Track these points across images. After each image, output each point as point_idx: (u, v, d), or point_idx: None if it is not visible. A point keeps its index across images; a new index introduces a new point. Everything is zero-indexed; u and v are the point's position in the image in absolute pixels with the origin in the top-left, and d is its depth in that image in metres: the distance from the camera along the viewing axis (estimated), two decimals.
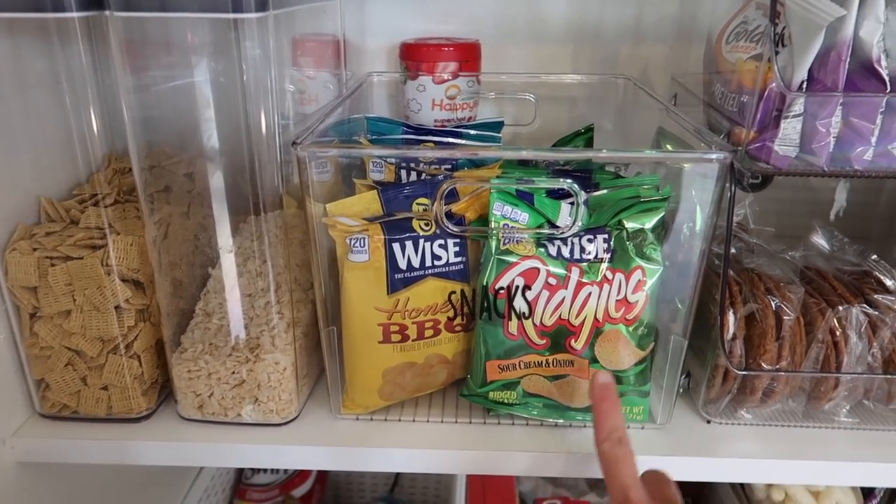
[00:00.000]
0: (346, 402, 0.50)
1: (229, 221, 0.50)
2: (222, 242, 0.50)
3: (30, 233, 0.48)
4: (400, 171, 0.55)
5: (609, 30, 0.75)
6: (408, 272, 0.46)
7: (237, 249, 0.51)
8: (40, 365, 0.48)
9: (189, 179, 0.52)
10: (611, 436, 0.41)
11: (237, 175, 0.53)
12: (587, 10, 0.74)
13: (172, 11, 0.40)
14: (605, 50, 0.76)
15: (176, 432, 0.49)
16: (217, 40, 0.48)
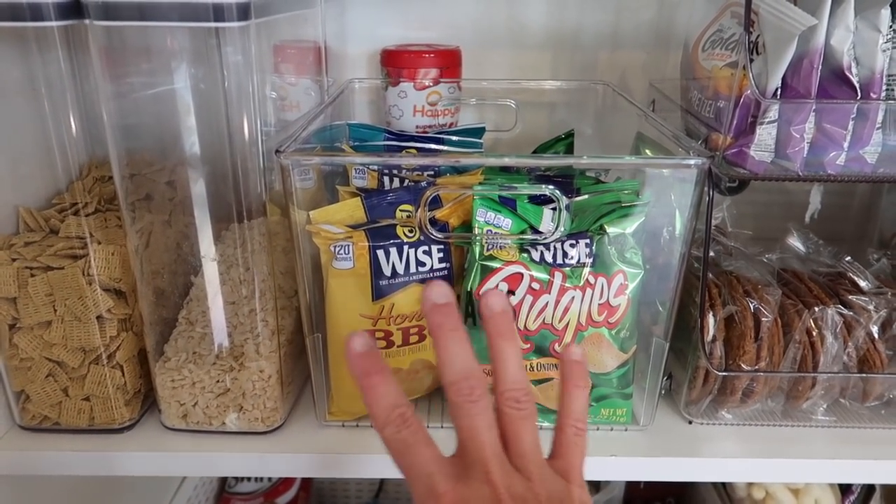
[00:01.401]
0: (332, 408, 0.50)
1: (211, 229, 0.50)
2: (204, 251, 0.50)
3: (8, 243, 0.47)
4: (383, 177, 0.56)
5: (587, 36, 0.76)
6: (392, 279, 0.46)
7: (220, 257, 0.51)
8: (20, 376, 0.48)
9: (170, 188, 0.51)
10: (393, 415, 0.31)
11: (219, 183, 0.52)
12: (566, 17, 0.75)
13: (153, 20, 0.40)
14: (584, 56, 0.76)
15: (160, 442, 0.49)
16: (198, 48, 0.48)
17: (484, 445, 0.29)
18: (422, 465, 0.29)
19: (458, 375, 0.30)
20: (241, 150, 0.45)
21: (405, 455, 0.30)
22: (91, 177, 0.53)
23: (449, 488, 0.28)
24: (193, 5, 0.39)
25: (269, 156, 0.46)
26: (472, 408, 0.30)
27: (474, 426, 0.30)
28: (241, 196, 0.46)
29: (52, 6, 0.41)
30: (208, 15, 0.40)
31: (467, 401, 0.30)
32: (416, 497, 0.29)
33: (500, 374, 0.32)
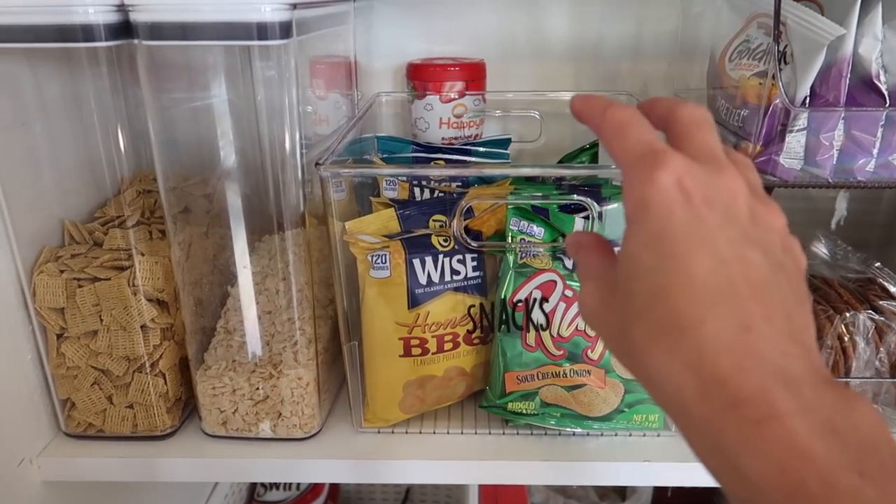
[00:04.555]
0: (368, 415, 0.51)
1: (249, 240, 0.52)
2: (242, 261, 0.51)
3: (55, 255, 0.49)
4: (413, 188, 0.57)
5: (609, 47, 0.77)
6: (428, 287, 0.47)
7: (256, 268, 0.52)
8: (66, 384, 0.49)
9: (207, 200, 0.53)
10: (612, 105, 0.26)
11: (256, 195, 0.54)
12: (588, 29, 0.76)
13: (199, 40, 0.41)
14: (606, 67, 0.77)
15: (200, 449, 0.50)
16: (239, 65, 0.49)
17: (710, 143, 0.25)
18: (643, 134, 0.24)
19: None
20: (281, 163, 0.47)
21: (626, 126, 0.25)
22: (133, 189, 0.54)
23: (671, 150, 0.24)
24: (238, 25, 0.41)
25: (307, 169, 0.48)
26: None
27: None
28: (281, 208, 0.48)
29: (103, 27, 0.42)
30: (252, 34, 0.41)
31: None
32: (630, 163, 0.24)
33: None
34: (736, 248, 0.23)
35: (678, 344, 0.22)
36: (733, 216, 0.23)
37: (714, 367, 0.21)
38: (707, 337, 0.21)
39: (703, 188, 0.23)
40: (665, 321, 0.22)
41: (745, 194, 0.24)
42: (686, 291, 0.22)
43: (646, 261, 0.23)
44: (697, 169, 0.23)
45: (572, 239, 0.30)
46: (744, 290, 0.22)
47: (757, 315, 0.22)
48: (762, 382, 0.20)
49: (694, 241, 0.22)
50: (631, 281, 0.24)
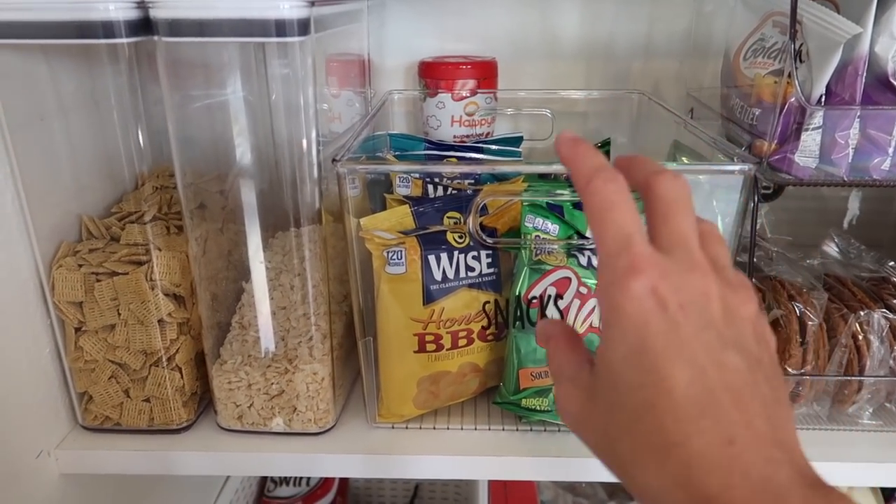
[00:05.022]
0: (382, 411, 0.51)
1: (263, 236, 0.52)
2: (256, 257, 0.52)
3: (73, 250, 0.49)
4: (427, 185, 0.57)
5: (621, 46, 0.77)
6: (443, 283, 0.48)
7: (270, 264, 0.53)
8: (84, 378, 0.50)
9: (222, 196, 0.53)
10: (598, 174, 0.25)
11: (270, 191, 0.54)
12: (599, 28, 0.77)
13: (218, 36, 0.42)
14: (617, 66, 0.78)
15: (216, 442, 0.50)
16: (257, 63, 0.50)
17: (684, 230, 0.26)
18: (624, 224, 0.25)
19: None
20: (297, 160, 0.47)
21: (608, 211, 0.25)
22: (149, 185, 0.55)
23: (647, 251, 0.24)
24: (257, 21, 0.41)
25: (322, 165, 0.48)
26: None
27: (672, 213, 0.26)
28: (297, 204, 0.48)
29: (123, 24, 0.42)
30: (270, 31, 0.41)
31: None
32: (607, 254, 0.25)
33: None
34: (713, 355, 0.23)
35: (666, 462, 0.22)
36: (708, 319, 0.24)
37: (703, 484, 0.21)
38: (693, 454, 0.22)
39: (677, 293, 0.23)
40: (652, 439, 0.23)
41: (717, 292, 0.24)
42: (670, 409, 0.22)
43: (628, 377, 0.23)
44: (671, 272, 0.24)
45: (541, 328, 0.31)
46: (724, 399, 0.22)
47: (740, 425, 0.22)
48: (750, 499, 0.21)
49: (672, 352, 0.23)
50: (614, 394, 0.24)
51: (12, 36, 0.42)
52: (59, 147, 0.51)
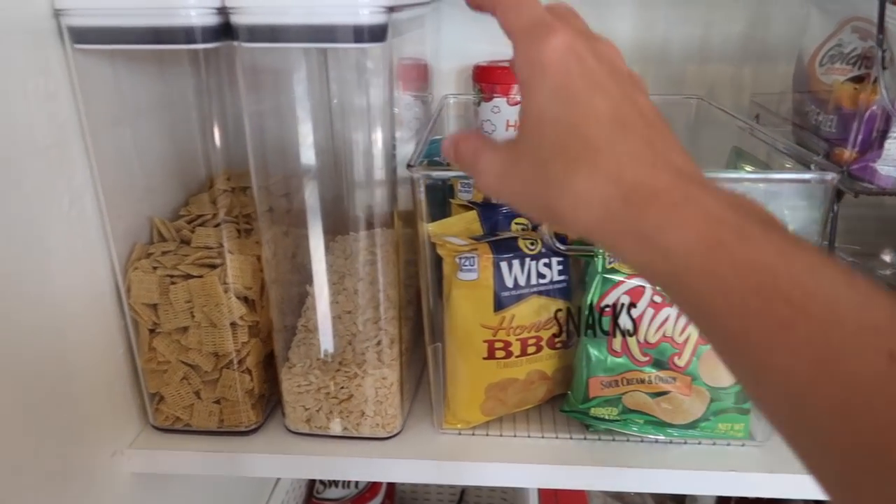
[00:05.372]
0: (448, 416, 0.51)
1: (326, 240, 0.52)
2: (321, 260, 0.52)
3: (146, 252, 0.50)
4: None
5: (675, 50, 0.76)
6: (514, 290, 0.47)
7: (333, 267, 0.53)
8: (156, 379, 0.50)
9: (286, 200, 0.53)
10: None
11: (333, 194, 0.55)
12: (653, 31, 0.76)
13: (297, 42, 0.42)
14: (671, 70, 0.77)
15: (285, 445, 0.50)
16: (333, 68, 0.50)
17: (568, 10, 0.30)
18: (534, 8, 0.28)
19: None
20: (371, 164, 0.47)
21: (517, 5, 0.28)
22: (217, 188, 0.55)
23: (561, 23, 0.28)
24: (336, 27, 0.41)
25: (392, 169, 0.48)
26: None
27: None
28: (371, 208, 0.48)
29: (202, 29, 0.43)
30: (349, 37, 0.41)
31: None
32: (522, 29, 0.28)
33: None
34: (626, 94, 0.27)
35: (597, 164, 0.25)
36: (618, 70, 0.28)
37: (632, 174, 0.25)
38: (621, 154, 0.25)
39: (591, 50, 0.27)
40: (581, 150, 0.26)
41: (621, 56, 0.29)
42: (595, 124, 0.26)
43: (553, 109, 0.27)
44: (582, 37, 0.28)
45: (447, 141, 0.33)
46: (639, 122, 0.26)
47: (654, 136, 0.26)
48: (674, 177, 0.24)
49: (592, 88, 0.26)
50: (540, 130, 0.27)
51: (99, 41, 0.43)
52: (132, 149, 0.51)
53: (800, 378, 0.19)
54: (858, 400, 0.18)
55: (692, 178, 0.25)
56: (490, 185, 0.30)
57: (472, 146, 0.31)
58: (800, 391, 0.19)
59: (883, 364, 0.18)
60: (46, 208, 0.42)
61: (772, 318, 0.20)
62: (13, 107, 0.39)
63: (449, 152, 0.33)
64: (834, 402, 0.19)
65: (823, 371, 0.19)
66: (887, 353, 0.18)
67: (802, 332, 0.19)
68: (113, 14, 0.42)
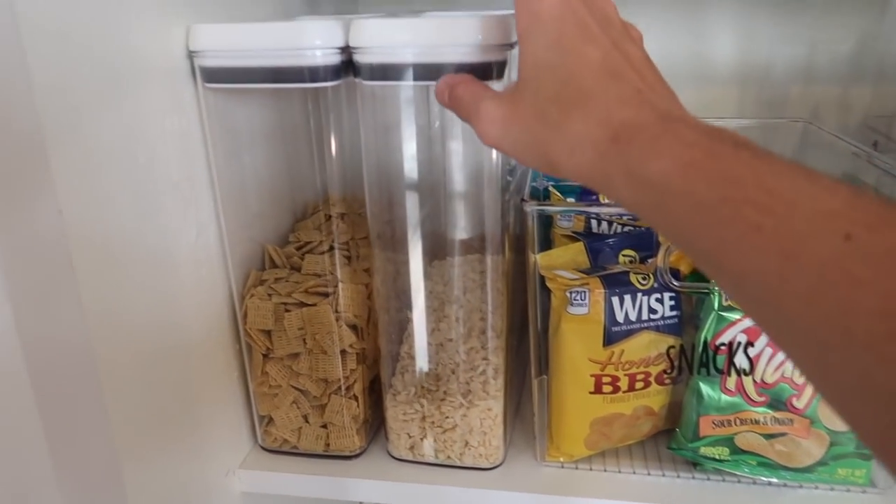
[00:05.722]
0: (551, 449, 0.51)
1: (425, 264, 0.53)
2: (426, 287, 0.53)
3: (260, 279, 0.52)
4: (590, 220, 0.56)
5: (778, 70, 0.74)
6: (624, 325, 0.47)
7: (431, 293, 0.54)
8: (267, 402, 0.52)
9: (389, 226, 0.54)
10: None
11: (431, 220, 0.55)
12: (755, 51, 0.74)
13: (421, 80, 0.43)
14: (774, 91, 0.75)
15: (388, 471, 0.51)
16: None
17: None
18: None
19: None
20: (483, 193, 0.47)
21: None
22: (321, 214, 0.57)
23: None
24: (464, 65, 0.42)
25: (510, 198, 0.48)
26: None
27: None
28: (483, 236, 0.48)
29: (325, 68, 0.44)
30: (479, 72, 0.41)
31: None
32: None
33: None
34: (618, 45, 0.29)
35: (589, 109, 0.27)
36: (611, 22, 0.30)
37: (620, 115, 0.27)
38: (611, 99, 0.27)
39: (585, 5, 0.29)
40: (574, 97, 0.28)
41: (615, 9, 0.31)
42: (588, 72, 0.28)
43: (549, 58, 0.29)
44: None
45: (441, 83, 0.35)
46: (629, 69, 0.28)
47: (643, 83, 0.28)
48: (657, 116, 0.26)
49: (586, 38, 0.29)
50: (538, 78, 0.29)
51: (228, 80, 0.45)
52: (248, 179, 0.53)
53: (771, 275, 0.20)
54: (821, 282, 0.19)
55: (674, 116, 0.26)
56: (491, 132, 0.32)
57: (471, 91, 0.33)
58: (774, 288, 0.20)
59: (840, 244, 0.19)
60: (178, 239, 0.44)
61: (741, 222, 0.21)
62: (153, 143, 0.41)
63: (443, 96, 0.35)
64: (801, 288, 0.20)
65: (790, 262, 0.20)
66: (843, 234, 0.19)
67: (769, 230, 0.20)
68: (243, 55, 0.44)
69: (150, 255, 0.41)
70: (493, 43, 0.41)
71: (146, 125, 0.41)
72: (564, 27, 0.29)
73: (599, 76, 0.28)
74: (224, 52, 0.44)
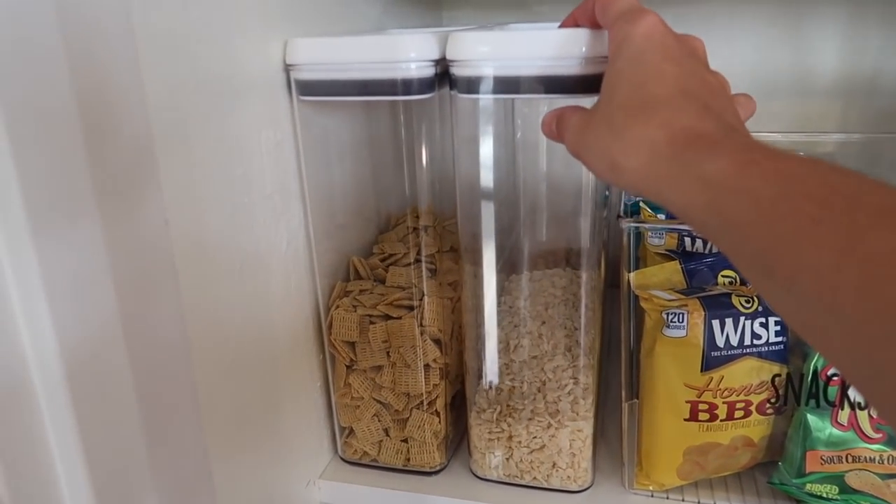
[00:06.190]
0: (641, 476, 0.49)
1: (507, 281, 0.52)
2: (503, 302, 0.52)
3: (345, 290, 0.52)
4: (683, 238, 0.54)
5: (887, 82, 0.69)
6: (725, 350, 0.44)
7: (512, 308, 0.52)
8: (349, 413, 0.52)
9: (475, 240, 0.54)
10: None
11: (511, 233, 0.54)
12: (861, 62, 0.70)
13: (521, 93, 0.42)
14: (881, 104, 0.70)
15: (471, 490, 0.50)
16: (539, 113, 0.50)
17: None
18: (628, 2, 0.32)
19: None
20: (577, 207, 0.46)
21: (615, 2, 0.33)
22: (405, 226, 0.57)
23: (653, 11, 0.31)
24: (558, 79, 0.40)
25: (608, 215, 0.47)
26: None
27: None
28: (579, 250, 0.47)
29: (419, 81, 0.44)
30: (576, 87, 0.40)
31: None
32: (617, 13, 0.32)
33: None
34: (698, 71, 0.30)
35: (653, 114, 0.28)
36: (696, 56, 0.31)
37: (682, 121, 0.27)
38: (676, 108, 0.28)
39: (676, 35, 0.31)
40: (642, 104, 0.28)
41: (705, 51, 0.32)
42: (661, 84, 0.29)
43: (627, 70, 0.30)
44: (670, 28, 0.31)
45: (548, 115, 0.36)
46: (703, 90, 0.29)
47: (714, 103, 0.28)
48: (720, 126, 0.27)
49: (667, 57, 0.30)
50: (613, 90, 0.30)
51: (323, 93, 0.45)
52: (335, 190, 0.54)
53: (827, 269, 0.20)
54: (878, 277, 0.19)
55: (736, 129, 0.27)
56: (570, 139, 0.33)
57: (565, 112, 0.34)
58: (828, 282, 0.20)
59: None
60: (270, 249, 0.45)
61: (800, 217, 0.21)
62: (249, 155, 0.42)
63: (548, 126, 0.36)
64: (858, 282, 0.19)
65: (847, 256, 0.19)
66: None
67: (828, 224, 0.20)
68: (338, 68, 0.44)
69: (244, 265, 0.42)
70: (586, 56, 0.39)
71: (245, 137, 0.41)
72: (650, 46, 0.30)
73: (671, 89, 0.28)
74: (320, 65, 0.44)
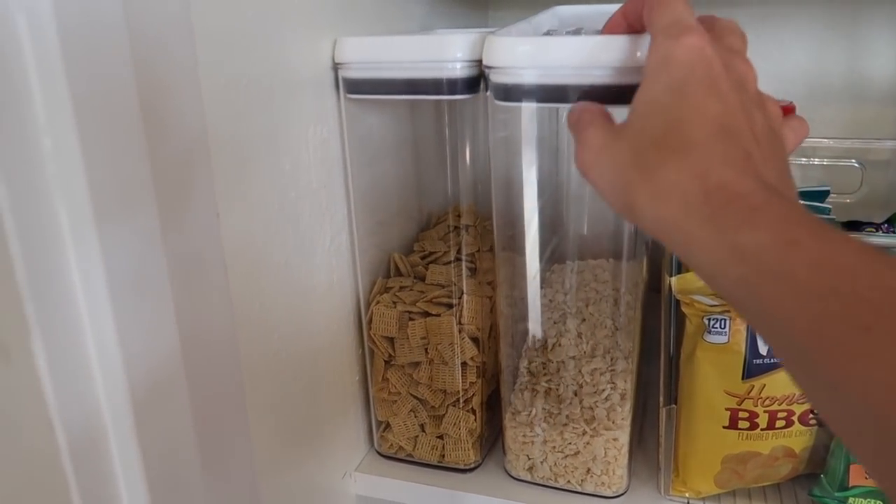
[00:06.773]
0: (677, 483, 0.48)
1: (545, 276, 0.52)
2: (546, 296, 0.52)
3: (385, 286, 0.53)
4: None
5: None
6: (768, 358, 0.44)
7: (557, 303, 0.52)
8: (386, 408, 0.52)
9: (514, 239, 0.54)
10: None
11: (552, 227, 0.54)
12: None
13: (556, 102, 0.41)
14: None
15: (504, 489, 0.50)
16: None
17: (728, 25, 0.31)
18: (681, 9, 0.28)
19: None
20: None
21: (665, 5, 0.29)
22: (445, 224, 0.57)
23: (702, 28, 0.28)
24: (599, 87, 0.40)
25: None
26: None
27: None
28: (620, 253, 0.47)
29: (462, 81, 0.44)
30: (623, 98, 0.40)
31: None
32: (661, 28, 0.28)
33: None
34: (745, 107, 0.27)
35: (687, 159, 0.25)
36: (745, 87, 0.28)
37: (720, 174, 0.24)
38: (715, 154, 0.25)
39: (723, 60, 0.27)
40: (677, 144, 0.25)
41: (755, 78, 0.29)
42: (700, 123, 0.25)
43: (665, 101, 0.26)
44: (721, 46, 0.28)
45: (573, 113, 0.32)
46: (748, 134, 0.26)
47: (757, 150, 0.25)
48: (760, 186, 0.24)
49: (711, 92, 0.26)
50: (646, 118, 0.27)
51: (370, 92, 0.46)
52: (378, 188, 0.55)
53: (881, 386, 0.18)
54: None
55: (778, 192, 0.24)
56: (584, 158, 0.29)
57: (589, 117, 0.30)
58: (881, 400, 0.18)
59: None
60: (314, 244, 0.46)
61: (850, 320, 0.19)
62: (297, 152, 0.43)
63: (572, 117, 0.32)
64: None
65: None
66: None
67: (883, 336, 0.18)
68: (386, 67, 0.45)
69: (289, 260, 0.43)
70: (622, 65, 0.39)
71: (293, 134, 0.43)
72: (693, 74, 0.26)
73: (711, 130, 0.25)
74: (368, 63, 0.45)
